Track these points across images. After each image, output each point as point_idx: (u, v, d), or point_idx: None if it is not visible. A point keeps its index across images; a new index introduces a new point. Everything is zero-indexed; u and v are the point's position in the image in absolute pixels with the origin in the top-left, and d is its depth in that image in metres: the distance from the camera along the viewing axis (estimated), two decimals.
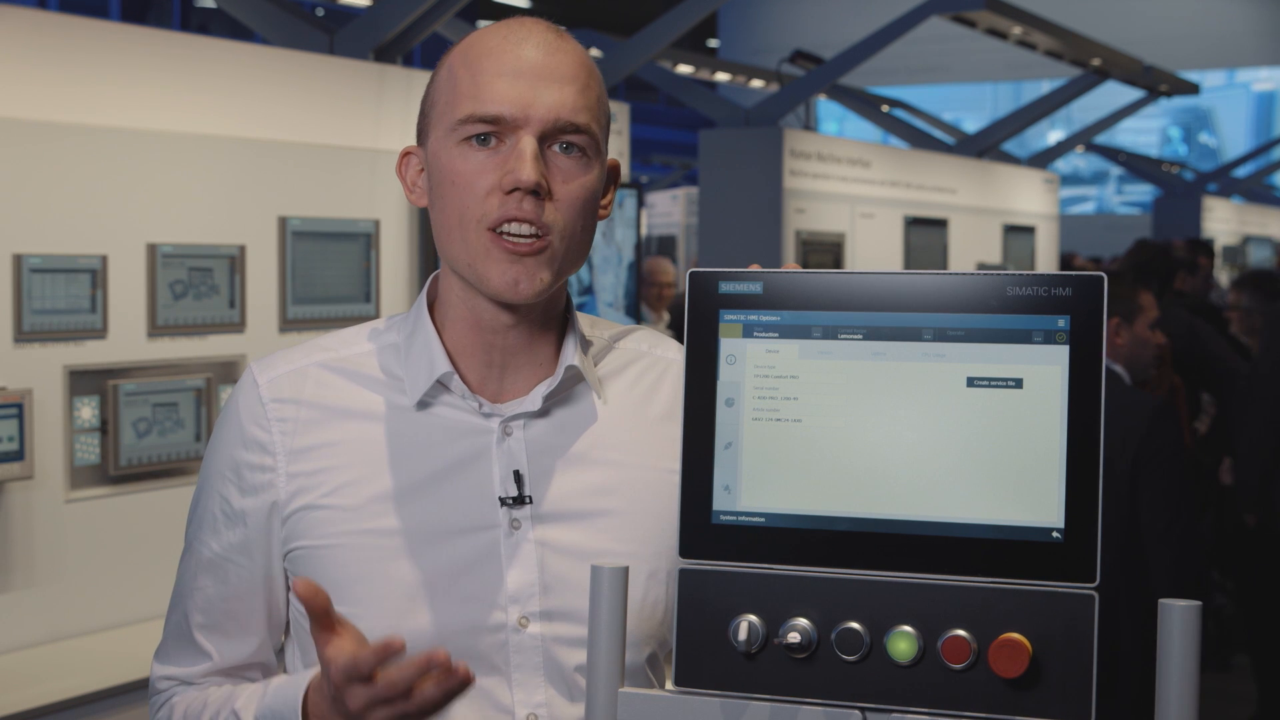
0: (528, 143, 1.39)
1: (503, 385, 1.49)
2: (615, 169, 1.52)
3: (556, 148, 1.42)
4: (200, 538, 1.51)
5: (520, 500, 1.45)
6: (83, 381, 3.36)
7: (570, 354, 1.49)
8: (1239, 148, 21.07)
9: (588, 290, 5.49)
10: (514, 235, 1.40)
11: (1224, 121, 23.00)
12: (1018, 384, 1.11)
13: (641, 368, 1.56)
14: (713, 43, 23.49)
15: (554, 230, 1.41)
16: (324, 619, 1.28)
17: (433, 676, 1.24)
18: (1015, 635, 1.07)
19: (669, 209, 11.99)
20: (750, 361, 1.17)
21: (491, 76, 1.41)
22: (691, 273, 1.19)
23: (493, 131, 1.41)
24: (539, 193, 1.39)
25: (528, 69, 1.41)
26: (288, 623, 1.53)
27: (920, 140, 9.56)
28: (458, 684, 1.24)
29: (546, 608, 1.45)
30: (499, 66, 1.41)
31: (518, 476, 1.45)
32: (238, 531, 1.48)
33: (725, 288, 1.18)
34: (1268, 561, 5.14)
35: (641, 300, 6.00)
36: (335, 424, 1.47)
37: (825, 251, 6.99)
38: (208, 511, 1.50)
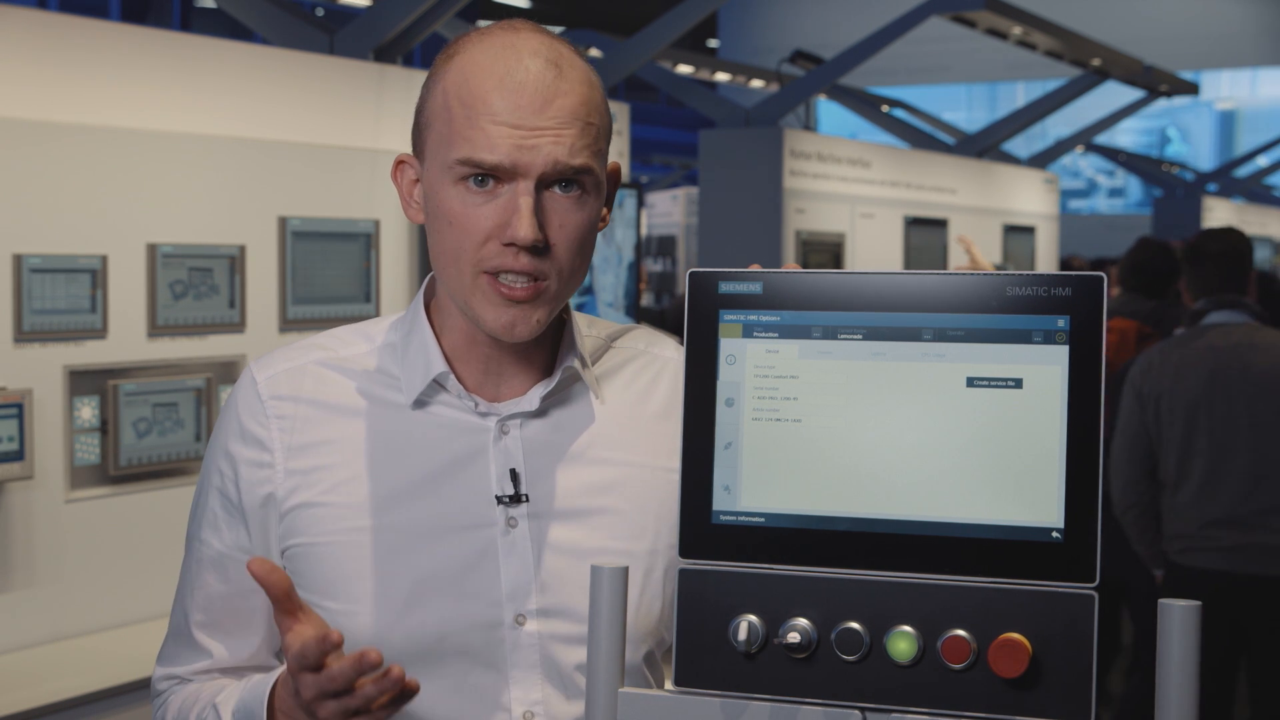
0: (525, 200, 1.37)
1: (500, 386, 1.49)
2: (616, 172, 1.50)
3: (556, 188, 1.40)
4: (200, 536, 1.51)
5: (517, 498, 1.45)
6: (83, 381, 3.36)
7: (568, 355, 1.49)
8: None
9: (587, 290, 5.49)
10: (510, 282, 1.39)
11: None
12: (1018, 384, 1.11)
13: (639, 366, 1.56)
14: (713, 43, 23.49)
15: (551, 274, 1.41)
16: (285, 603, 1.29)
17: (372, 676, 1.25)
18: (1015, 635, 1.07)
19: (669, 209, 11.99)
20: (750, 361, 1.17)
21: (488, 121, 1.37)
22: (691, 273, 1.19)
23: (490, 175, 1.39)
24: (536, 247, 1.39)
25: (525, 115, 1.37)
26: None
27: (920, 140, 9.56)
28: (392, 684, 1.24)
29: (543, 605, 1.45)
30: (494, 110, 1.37)
31: (514, 475, 1.46)
32: (237, 528, 1.48)
33: (725, 288, 1.18)
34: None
35: None
36: (333, 421, 1.47)
37: (825, 251, 6.99)
38: (207, 509, 1.51)
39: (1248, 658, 4.30)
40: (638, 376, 1.55)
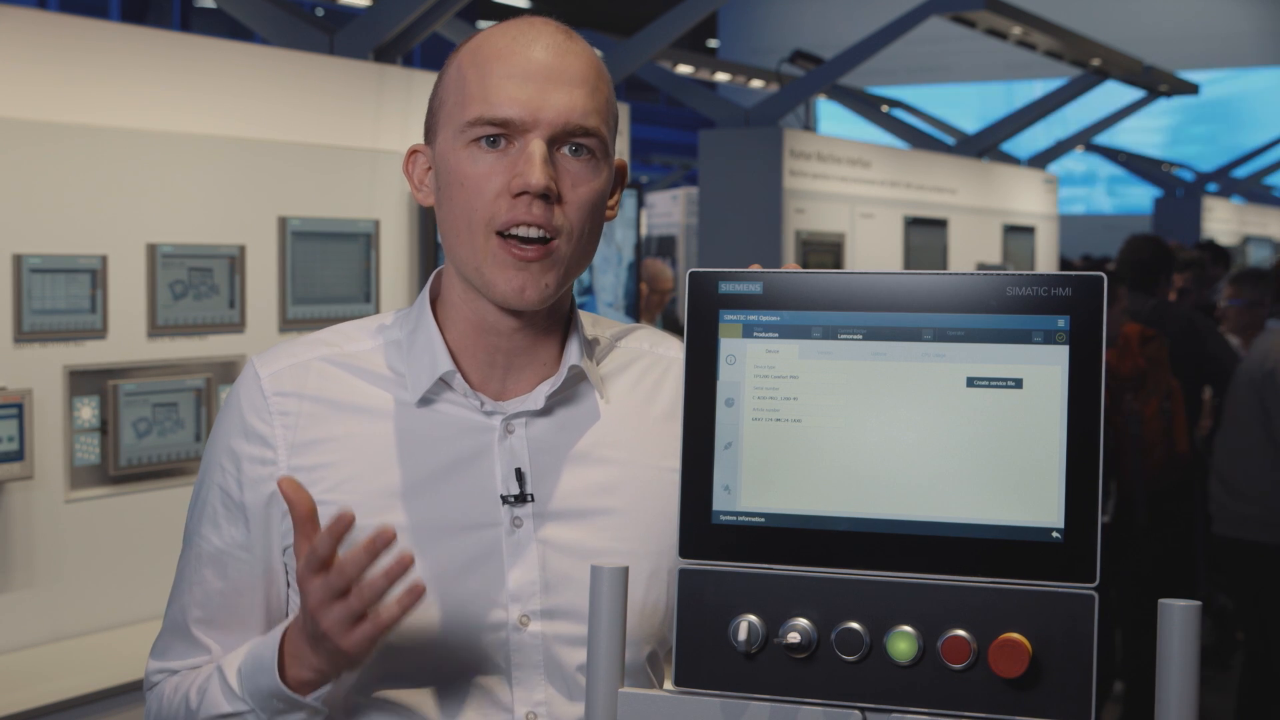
0: (536, 146, 1.39)
1: (505, 384, 1.49)
2: (623, 170, 1.52)
3: (566, 150, 1.42)
4: (200, 531, 1.51)
5: (522, 498, 1.45)
6: (83, 381, 3.36)
7: (574, 354, 1.49)
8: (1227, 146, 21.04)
9: (587, 290, 5.49)
10: (522, 239, 1.40)
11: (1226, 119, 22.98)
12: (1018, 384, 1.11)
13: (643, 367, 1.56)
14: (713, 43, 23.48)
15: (562, 233, 1.41)
16: (307, 525, 1.30)
17: (383, 566, 1.25)
18: (1015, 635, 1.07)
19: (669, 209, 11.98)
20: (750, 361, 1.17)
21: (500, 79, 1.41)
22: (691, 273, 1.19)
23: (502, 134, 1.41)
24: (548, 196, 1.40)
25: (537, 71, 1.41)
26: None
27: (920, 140, 9.55)
28: (401, 569, 1.25)
29: (547, 606, 1.45)
30: (508, 69, 1.41)
31: (519, 474, 1.45)
32: (238, 525, 1.48)
33: (725, 288, 1.18)
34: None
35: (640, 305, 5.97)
36: (337, 419, 1.47)
37: (825, 251, 6.99)
38: (207, 505, 1.50)
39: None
40: (643, 377, 1.56)
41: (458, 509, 1.45)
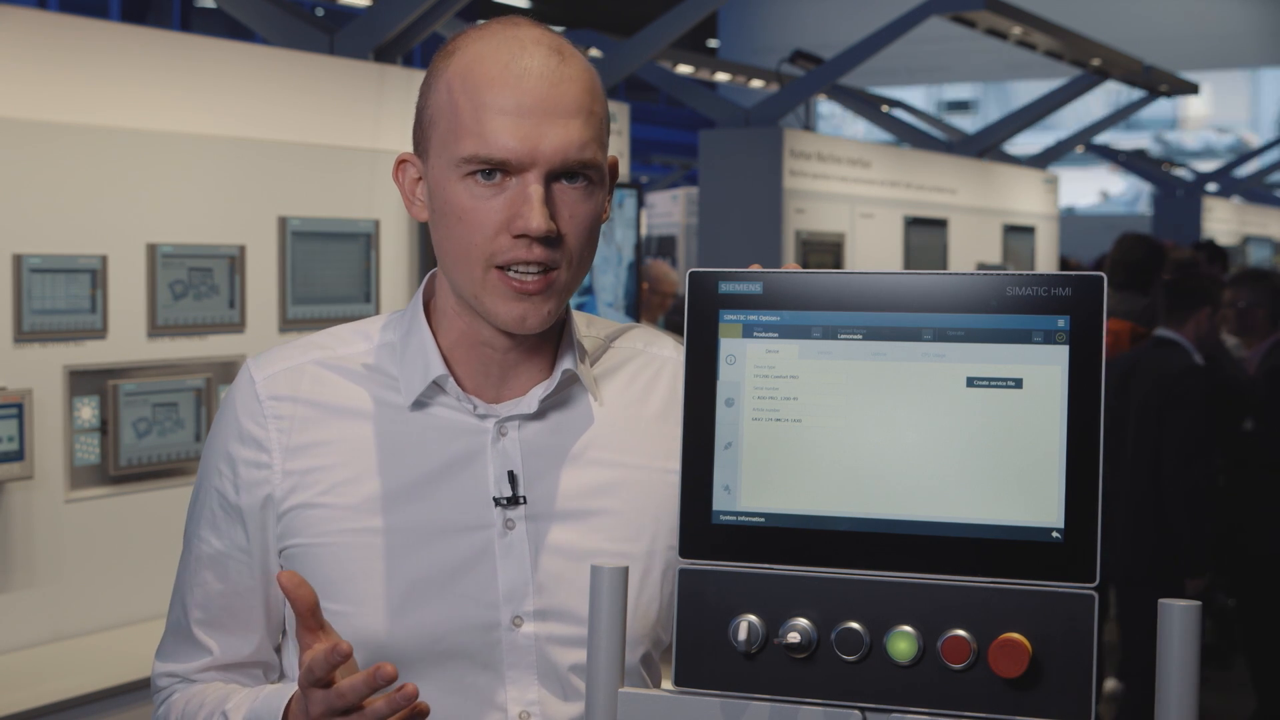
0: (535, 189, 1.38)
1: (500, 389, 1.49)
2: (614, 167, 1.51)
3: (563, 180, 1.41)
4: (199, 534, 1.51)
5: (514, 500, 1.45)
6: (83, 381, 3.36)
7: (567, 358, 1.49)
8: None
9: (588, 291, 5.49)
10: (521, 273, 1.40)
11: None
12: (1018, 384, 1.11)
13: (637, 366, 1.56)
14: (713, 43, 23.49)
15: (561, 263, 1.41)
16: (309, 619, 1.29)
17: (384, 693, 1.25)
18: (1015, 635, 1.07)
19: (669, 209, 11.98)
20: (750, 361, 1.17)
21: (495, 113, 1.37)
22: (691, 273, 1.19)
23: (498, 168, 1.39)
24: (549, 238, 1.39)
25: (533, 105, 1.38)
26: (285, 621, 1.53)
27: (920, 140, 9.55)
28: (405, 700, 1.24)
29: (540, 607, 1.45)
30: (502, 100, 1.38)
31: (512, 477, 1.45)
32: (235, 528, 1.48)
33: (725, 288, 1.18)
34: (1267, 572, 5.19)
35: (641, 307, 5.94)
36: (331, 422, 1.47)
37: (825, 251, 6.99)
38: (205, 507, 1.51)
39: None
40: (636, 377, 1.55)
41: (450, 511, 1.45)
